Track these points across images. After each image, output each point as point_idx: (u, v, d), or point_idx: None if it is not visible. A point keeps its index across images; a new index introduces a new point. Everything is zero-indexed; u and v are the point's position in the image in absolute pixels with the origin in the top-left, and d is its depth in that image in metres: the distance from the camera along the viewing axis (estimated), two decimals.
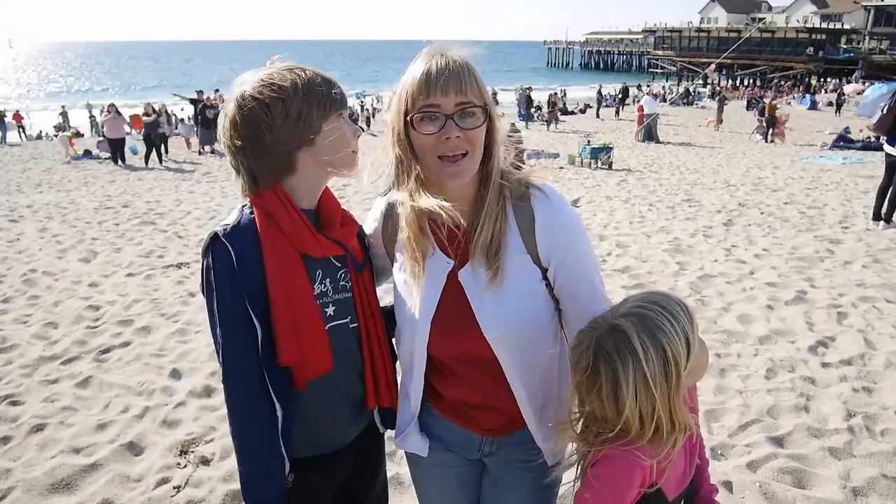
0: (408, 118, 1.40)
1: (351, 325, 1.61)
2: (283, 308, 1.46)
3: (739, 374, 4.31)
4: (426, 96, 1.37)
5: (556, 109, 26.33)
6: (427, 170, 1.44)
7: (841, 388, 4.09)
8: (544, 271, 1.51)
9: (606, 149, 15.55)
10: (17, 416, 3.92)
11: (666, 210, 9.91)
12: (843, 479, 3.17)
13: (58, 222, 9.65)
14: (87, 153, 18.58)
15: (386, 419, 1.75)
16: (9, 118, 25.40)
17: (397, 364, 1.74)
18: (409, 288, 1.55)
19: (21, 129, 26.03)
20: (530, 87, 31.59)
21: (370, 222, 1.70)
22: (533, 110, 29.86)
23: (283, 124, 1.46)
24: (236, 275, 1.45)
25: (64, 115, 27.96)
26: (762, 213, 9.55)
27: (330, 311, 1.57)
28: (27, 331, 5.23)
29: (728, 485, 3.14)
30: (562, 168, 15.17)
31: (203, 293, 1.52)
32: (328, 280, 1.57)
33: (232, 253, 1.46)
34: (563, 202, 1.52)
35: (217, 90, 21.98)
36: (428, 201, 1.43)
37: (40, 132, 26.92)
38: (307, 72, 1.51)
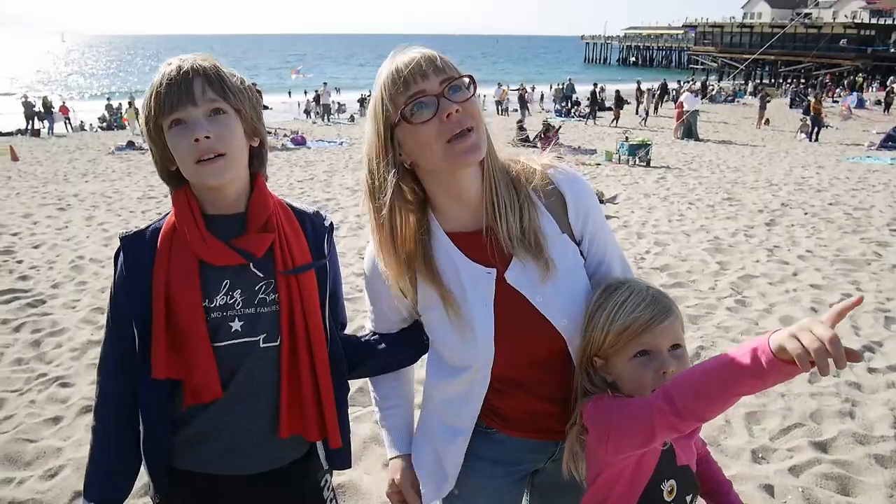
0: (398, 117, 1.33)
1: (264, 345, 1.44)
2: (159, 315, 1.38)
3: None
4: (407, 87, 1.32)
5: (617, 106, 25.62)
6: (434, 167, 1.38)
7: (888, 394, 3.99)
8: (578, 244, 1.51)
9: (644, 145, 15.36)
10: (68, 397, 4.05)
11: (706, 209, 9.76)
12: (889, 487, 3.10)
13: (103, 211, 9.91)
14: (131, 144, 19.02)
15: (330, 456, 1.58)
16: (56, 110, 26.12)
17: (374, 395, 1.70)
18: (451, 320, 1.44)
19: (67, 121, 26.74)
20: (570, 80, 31.31)
21: (372, 268, 1.54)
22: (571, 105, 29.63)
23: (149, 144, 1.44)
24: (126, 282, 1.42)
25: (109, 107, 28.68)
26: (806, 213, 9.34)
27: (236, 326, 1.42)
28: (76, 315, 5.40)
29: (769, 488, 3.09)
30: (599, 164, 15.05)
31: None
32: (238, 291, 1.42)
33: (122, 258, 1.44)
34: (580, 175, 1.55)
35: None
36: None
37: (81, 123, 27.59)
38: (158, 76, 1.38)
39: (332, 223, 1.63)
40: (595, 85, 28.57)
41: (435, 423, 1.60)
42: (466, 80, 1.36)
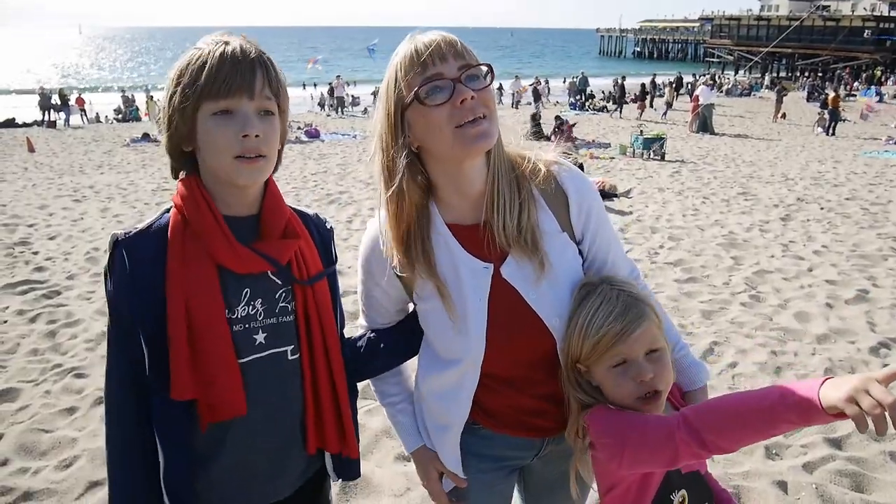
0: (411, 98, 1.31)
1: (291, 357, 1.38)
2: (180, 331, 1.24)
3: (796, 374, 4.20)
4: (424, 69, 1.30)
5: (641, 99, 25.28)
6: (442, 153, 1.36)
7: None
8: (578, 244, 1.51)
9: (659, 139, 15.23)
10: (82, 388, 4.09)
11: (721, 203, 9.68)
12: None
13: (118, 203, 9.99)
14: (146, 136, 19.12)
15: (338, 467, 1.53)
16: (72, 102, 26.30)
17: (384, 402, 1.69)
18: (445, 311, 1.44)
19: (83, 113, 26.93)
20: (583, 74, 31.03)
21: (373, 245, 1.50)
22: (585, 98, 29.41)
23: (166, 120, 1.30)
24: (131, 290, 1.26)
25: (125, 99, 28.84)
26: (822, 208, 9.24)
27: (260, 338, 1.34)
28: (91, 307, 5.44)
29: (783, 485, 3.07)
30: (613, 158, 14.95)
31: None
32: (259, 301, 1.33)
33: (127, 262, 1.27)
34: (583, 174, 1.55)
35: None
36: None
37: (97, 115, 27.77)
38: (194, 55, 1.26)
39: (332, 227, 1.60)
40: (623, 78, 28.25)
41: (426, 418, 1.62)
42: (484, 68, 1.35)
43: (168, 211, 1.34)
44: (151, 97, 25.64)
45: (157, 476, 1.30)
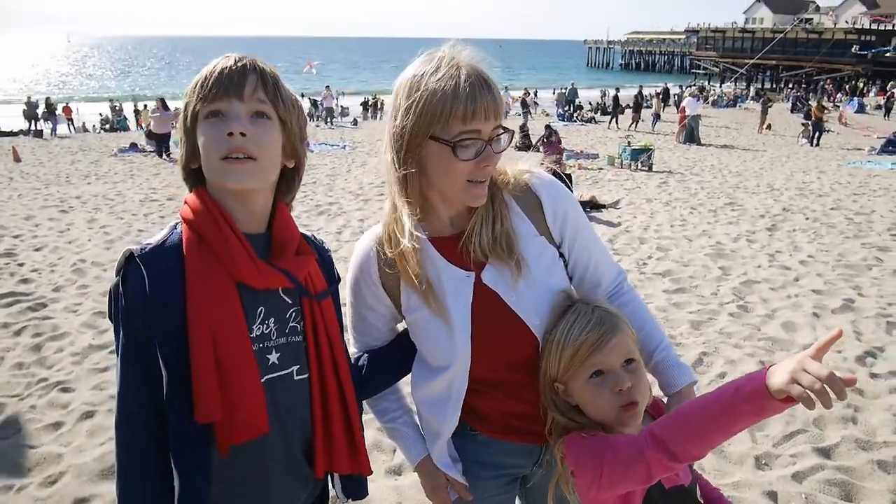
0: (446, 140, 1.35)
1: (297, 377, 1.35)
2: (205, 353, 1.20)
3: None
4: (469, 120, 1.35)
5: (635, 111, 25.32)
6: (444, 191, 1.44)
7: (891, 399, 3.98)
8: (557, 248, 1.55)
9: (647, 150, 15.35)
10: (68, 402, 4.04)
11: (708, 213, 9.75)
12: (892, 493, 3.09)
13: (105, 213, 9.92)
14: (134, 146, 19.03)
15: (347, 487, 1.50)
16: (59, 111, 26.16)
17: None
18: (432, 320, 1.48)
19: (70, 122, 26.78)
20: (573, 85, 31.17)
21: (360, 265, 1.55)
22: (573, 110, 29.58)
23: (184, 126, 1.30)
24: (148, 306, 1.22)
25: (113, 108, 28.71)
26: (807, 218, 9.34)
27: (273, 358, 1.31)
28: (77, 319, 5.39)
29: (773, 495, 3.09)
30: (601, 169, 15.04)
31: (110, 319, 1.29)
32: (272, 320, 1.31)
33: (146, 278, 1.22)
34: (556, 181, 1.59)
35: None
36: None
37: (83, 124, 27.60)
38: (206, 67, 1.28)
39: (329, 248, 1.59)
40: (617, 89, 28.41)
41: (421, 422, 1.66)
42: (508, 131, 1.42)
43: (176, 226, 1.30)
44: (146, 106, 25.48)
45: (172, 495, 1.25)
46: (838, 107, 32.12)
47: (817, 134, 20.53)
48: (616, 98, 26.53)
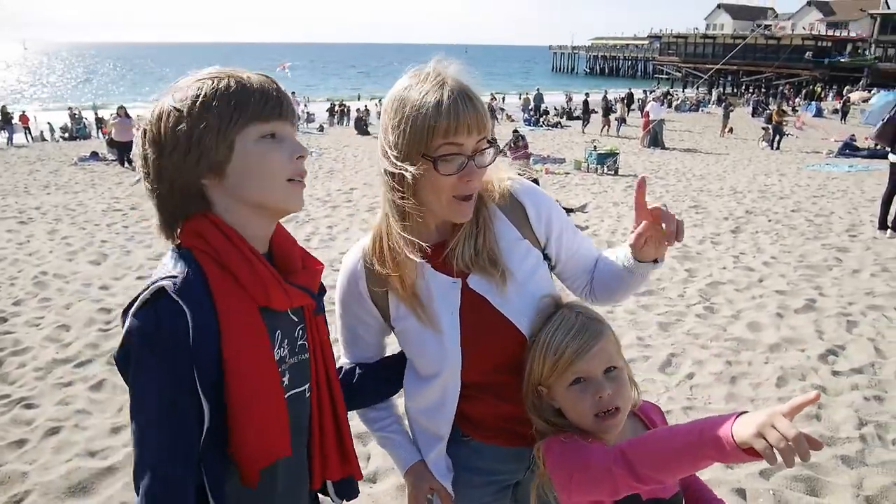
0: (428, 155, 1.36)
1: (307, 395, 1.35)
2: (244, 386, 1.16)
3: (750, 383, 4.32)
4: (451, 135, 1.35)
5: (605, 115, 25.42)
6: (431, 206, 1.44)
7: (852, 396, 4.10)
8: (542, 250, 1.60)
9: (612, 154, 15.56)
10: (32, 419, 3.94)
11: None
12: (856, 487, 3.18)
13: (67, 224, 9.69)
14: (94, 154, 18.65)
15: (340, 489, 1.51)
16: (15, 120, 25.51)
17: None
18: (421, 328, 1.50)
19: (27, 131, 26.12)
20: (538, 90, 31.42)
21: (348, 279, 1.57)
22: (539, 115, 29.81)
23: (172, 152, 1.17)
24: (194, 343, 1.13)
25: (72, 116, 28.07)
26: (770, 220, 9.56)
27: (285, 379, 1.29)
28: (40, 333, 5.26)
29: (742, 492, 3.15)
30: (568, 174, 15.20)
31: (117, 362, 1.19)
32: (286, 341, 1.29)
33: (189, 316, 1.13)
34: (536, 186, 1.65)
35: None
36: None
37: (41, 133, 26.94)
38: (219, 79, 1.19)
39: None
40: (587, 94, 28.70)
41: (416, 434, 1.67)
42: (492, 145, 1.43)
43: (181, 256, 1.20)
44: (119, 113, 24.84)
45: None
46: (797, 111, 32.97)
47: (777, 137, 21.03)
48: (586, 102, 26.87)
